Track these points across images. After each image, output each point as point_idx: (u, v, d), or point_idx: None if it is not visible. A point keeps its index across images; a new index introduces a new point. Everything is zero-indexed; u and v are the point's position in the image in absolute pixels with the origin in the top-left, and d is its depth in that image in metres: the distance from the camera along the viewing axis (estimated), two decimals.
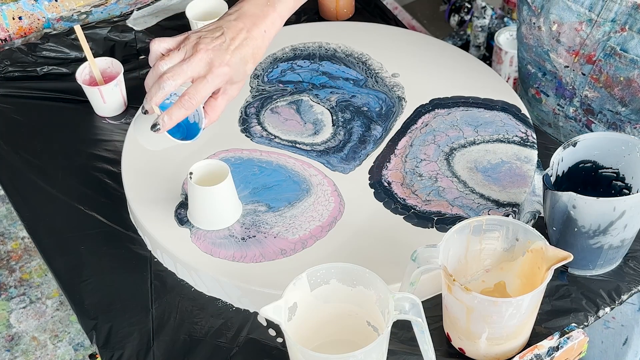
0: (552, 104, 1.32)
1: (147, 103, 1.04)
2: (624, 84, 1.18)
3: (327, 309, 0.98)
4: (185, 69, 1.03)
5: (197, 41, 1.05)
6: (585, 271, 1.08)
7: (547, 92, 1.31)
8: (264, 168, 1.20)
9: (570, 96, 1.26)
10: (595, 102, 1.23)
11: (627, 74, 1.16)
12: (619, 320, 1.24)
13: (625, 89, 1.18)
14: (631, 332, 1.25)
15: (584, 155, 1.07)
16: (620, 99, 1.20)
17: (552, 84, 1.30)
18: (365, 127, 1.27)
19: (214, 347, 1.03)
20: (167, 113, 1.03)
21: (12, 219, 2.31)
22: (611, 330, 1.26)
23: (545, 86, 1.31)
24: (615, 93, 1.19)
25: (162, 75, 1.03)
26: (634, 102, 1.19)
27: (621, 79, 1.17)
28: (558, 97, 1.29)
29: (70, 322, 2.08)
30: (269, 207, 1.15)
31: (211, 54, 1.04)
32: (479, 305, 0.92)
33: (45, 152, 1.31)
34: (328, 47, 1.41)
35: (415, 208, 1.14)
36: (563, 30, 1.21)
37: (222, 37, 1.05)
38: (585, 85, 1.22)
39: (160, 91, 1.03)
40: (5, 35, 1.51)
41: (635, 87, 1.17)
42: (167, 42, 1.07)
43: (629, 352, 1.28)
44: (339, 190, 1.17)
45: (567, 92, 1.27)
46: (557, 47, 1.23)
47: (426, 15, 2.60)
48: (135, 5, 1.57)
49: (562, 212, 1.00)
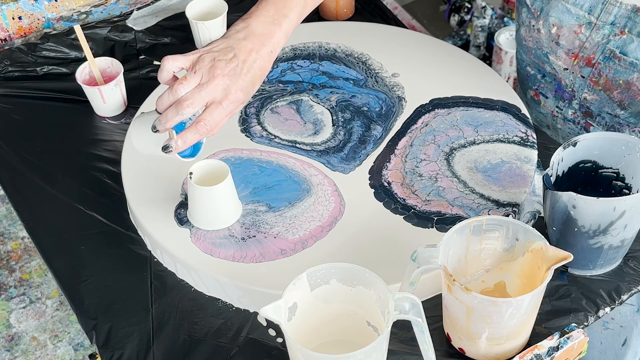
0: (550, 106, 1.32)
1: (160, 125, 1.05)
2: (623, 87, 1.18)
3: (327, 309, 0.98)
4: (203, 95, 1.04)
5: (211, 64, 1.05)
6: (585, 271, 1.08)
7: (546, 94, 1.31)
8: (264, 168, 1.20)
9: (569, 98, 1.26)
10: (594, 104, 1.23)
11: (627, 77, 1.16)
12: (618, 321, 1.24)
13: (624, 92, 1.18)
14: (630, 333, 1.25)
15: (584, 155, 1.07)
16: (619, 102, 1.20)
17: (551, 86, 1.30)
18: (365, 127, 1.27)
19: (214, 347, 1.03)
20: (181, 137, 1.04)
21: (12, 219, 2.31)
22: (610, 331, 1.26)
23: (545, 88, 1.31)
24: (615, 96, 1.19)
25: (181, 102, 1.04)
26: (633, 105, 1.19)
27: (620, 82, 1.17)
28: (557, 99, 1.29)
29: (70, 322, 2.08)
30: (269, 207, 1.15)
31: (227, 80, 1.05)
32: (479, 305, 0.92)
33: (45, 152, 1.31)
34: (328, 47, 1.41)
35: (415, 208, 1.14)
36: (562, 33, 1.21)
37: (235, 60, 1.06)
38: (584, 87, 1.22)
39: (178, 116, 1.04)
40: (5, 35, 1.51)
41: (635, 90, 1.17)
42: (180, 61, 1.07)
43: (628, 353, 1.28)
44: (340, 191, 1.17)
45: (566, 94, 1.26)
46: (556, 50, 1.23)
47: (426, 15, 2.60)
48: (135, 5, 1.57)
49: (562, 212, 1.00)
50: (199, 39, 1.47)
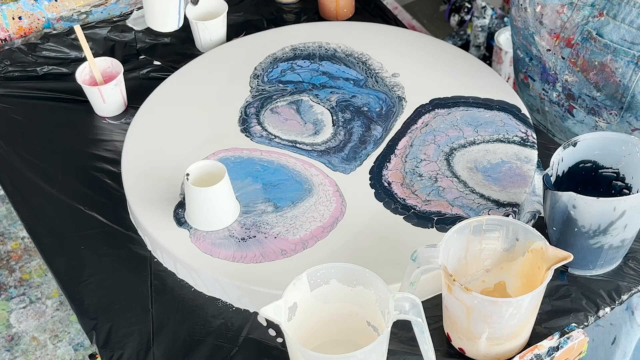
0: (538, 89, 1.34)
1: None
2: (598, 69, 1.19)
3: (327, 309, 0.97)
4: None
5: None
6: (585, 271, 1.08)
7: (534, 77, 1.33)
8: (266, 167, 1.20)
9: (553, 81, 1.28)
10: (574, 86, 1.25)
11: (601, 59, 1.18)
12: (608, 319, 1.24)
13: (599, 73, 1.19)
14: (619, 332, 1.25)
15: (584, 155, 1.07)
16: (595, 83, 1.21)
17: (537, 69, 1.31)
18: (366, 127, 1.27)
19: (214, 347, 1.03)
20: None
21: (12, 219, 2.31)
22: (601, 329, 1.26)
23: (532, 71, 1.33)
24: (591, 77, 1.21)
25: None
26: (607, 87, 1.20)
27: (595, 63, 1.19)
28: (543, 81, 1.31)
29: (70, 322, 2.08)
30: (275, 206, 1.14)
31: None
32: (479, 305, 0.92)
33: (45, 152, 1.31)
34: (328, 47, 1.41)
35: (415, 208, 1.14)
36: (546, 12, 1.22)
37: None
38: (565, 69, 1.24)
39: None
40: (5, 35, 1.51)
41: (608, 72, 1.18)
42: None
43: (617, 351, 1.28)
44: (341, 191, 1.17)
45: (550, 76, 1.28)
46: (540, 30, 1.25)
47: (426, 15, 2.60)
48: (135, 5, 1.57)
49: (562, 212, 1.00)
50: (199, 39, 1.47)
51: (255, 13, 1.58)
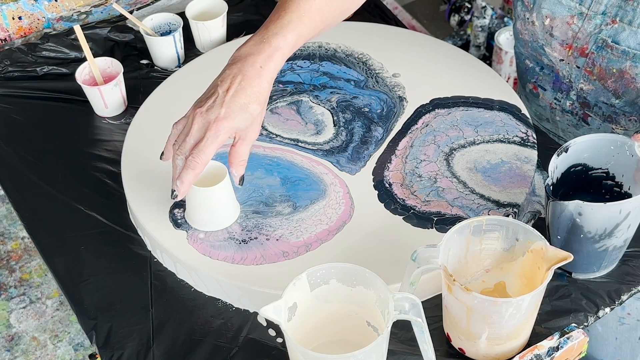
0: (549, 98, 1.33)
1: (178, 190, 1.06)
2: (616, 76, 1.19)
3: (327, 309, 0.97)
4: (188, 140, 1.05)
5: (193, 110, 1.07)
6: (589, 274, 1.08)
7: (545, 86, 1.32)
8: (277, 163, 1.20)
9: (567, 89, 1.27)
10: (590, 95, 1.24)
11: (620, 66, 1.17)
12: (634, 316, 1.25)
13: (618, 80, 1.19)
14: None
15: (574, 160, 1.07)
16: (613, 91, 1.20)
17: (549, 78, 1.31)
18: (366, 127, 1.27)
19: (214, 347, 1.03)
20: (178, 179, 1.05)
21: (12, 219, 2.31)
22: (626, 327, 1.26)
23: (543, 80, 1.32)
24: (609, 85, 1.20)
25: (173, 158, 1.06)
26: (627, 94, 1.19)
27: (614, 70, 1.18)
28: (555, 90, 1.30)
29: (70, 322, 2.08)
30: (294, 207, 1.14)
31: (205, 116, 1.05)
32: (479, 306, 0.92)
33: (45, 152, 1.31)
34: (328, 47, 1.41)
35: (415, 208, 1.14)
36: (555, 24, 1.22)
37: (215, 94, 1.06)
38: (580, 78, 1.23)
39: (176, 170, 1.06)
40: (5, 35, 1.51)
41: (628, 78, 1.17)
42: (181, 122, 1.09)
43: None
44: (351, 193, 1.16)
45: (564, 85, 1.27)
46: (551, 42, 1.24)
47: (426, 15, 2.60)
48: (135, 5, 1.57)
49: (567, 220, 1.00)
50: (199, 39, 1.47)
51: (255, 13, 1.58)
